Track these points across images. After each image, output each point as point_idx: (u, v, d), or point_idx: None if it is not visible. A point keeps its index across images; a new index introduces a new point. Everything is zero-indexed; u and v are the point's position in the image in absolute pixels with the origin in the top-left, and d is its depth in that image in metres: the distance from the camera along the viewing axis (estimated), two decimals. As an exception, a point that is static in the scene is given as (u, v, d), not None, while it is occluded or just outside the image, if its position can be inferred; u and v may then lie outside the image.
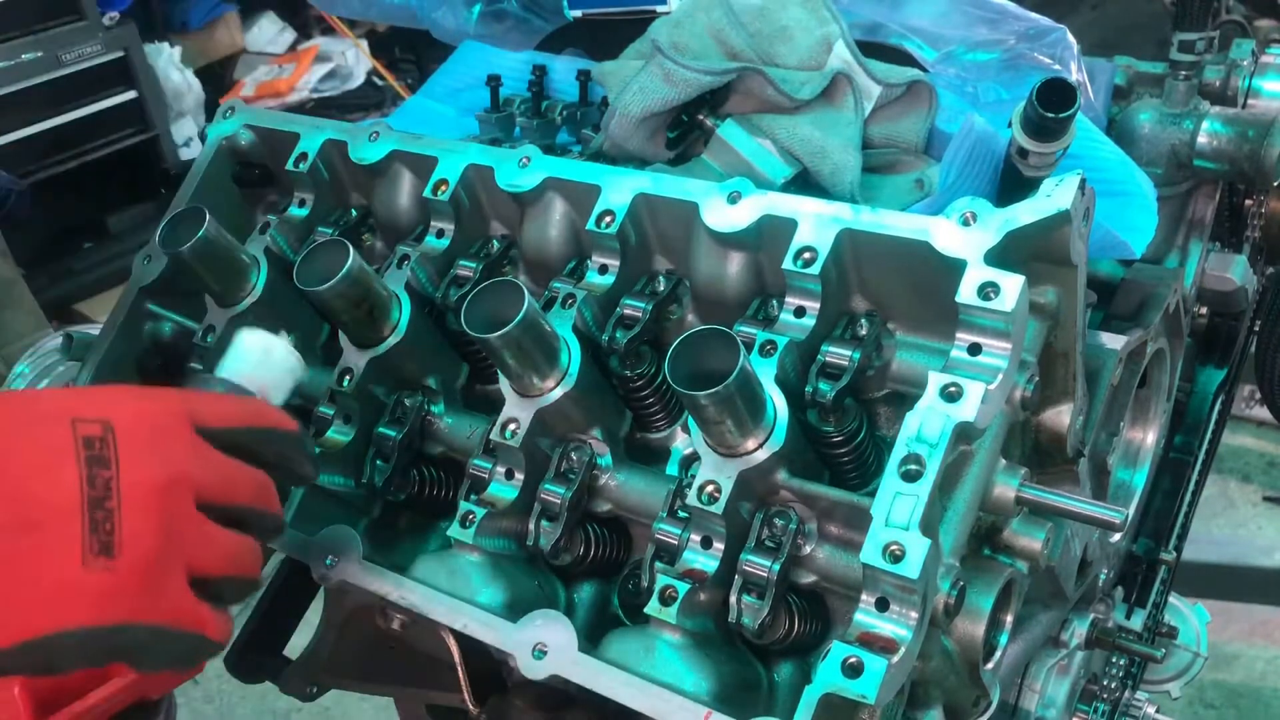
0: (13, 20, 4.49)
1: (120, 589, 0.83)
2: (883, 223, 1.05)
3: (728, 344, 0.96)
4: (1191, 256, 1.70)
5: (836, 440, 1.10)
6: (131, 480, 0.85)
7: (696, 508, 1.03)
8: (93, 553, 0.82)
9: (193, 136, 5.40)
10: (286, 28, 6.23)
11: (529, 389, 1.15)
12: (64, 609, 0.81)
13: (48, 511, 0.82)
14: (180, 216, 1.29)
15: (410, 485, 1.30)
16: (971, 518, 1.05)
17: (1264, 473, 4.19)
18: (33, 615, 0.81)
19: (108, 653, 0.84)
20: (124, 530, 0.83)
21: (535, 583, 1.20)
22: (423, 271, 1.31)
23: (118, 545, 0.83)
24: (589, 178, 1.22)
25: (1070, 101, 1.14)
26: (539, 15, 1.90)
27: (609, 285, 1.20)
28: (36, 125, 4.66)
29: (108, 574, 0.82)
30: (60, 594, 0.81)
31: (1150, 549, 1.84)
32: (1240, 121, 1.57)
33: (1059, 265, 1.06)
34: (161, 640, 0.86)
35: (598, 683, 1.02)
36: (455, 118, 1.79)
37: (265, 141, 1.51)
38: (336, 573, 1.18)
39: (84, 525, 0.82)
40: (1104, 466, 1.41)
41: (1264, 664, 3.44)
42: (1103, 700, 1.67)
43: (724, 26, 1.44)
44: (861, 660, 0.91)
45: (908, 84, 1.45)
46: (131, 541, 0.83)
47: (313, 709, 3.42)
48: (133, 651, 0.86)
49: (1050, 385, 1.17)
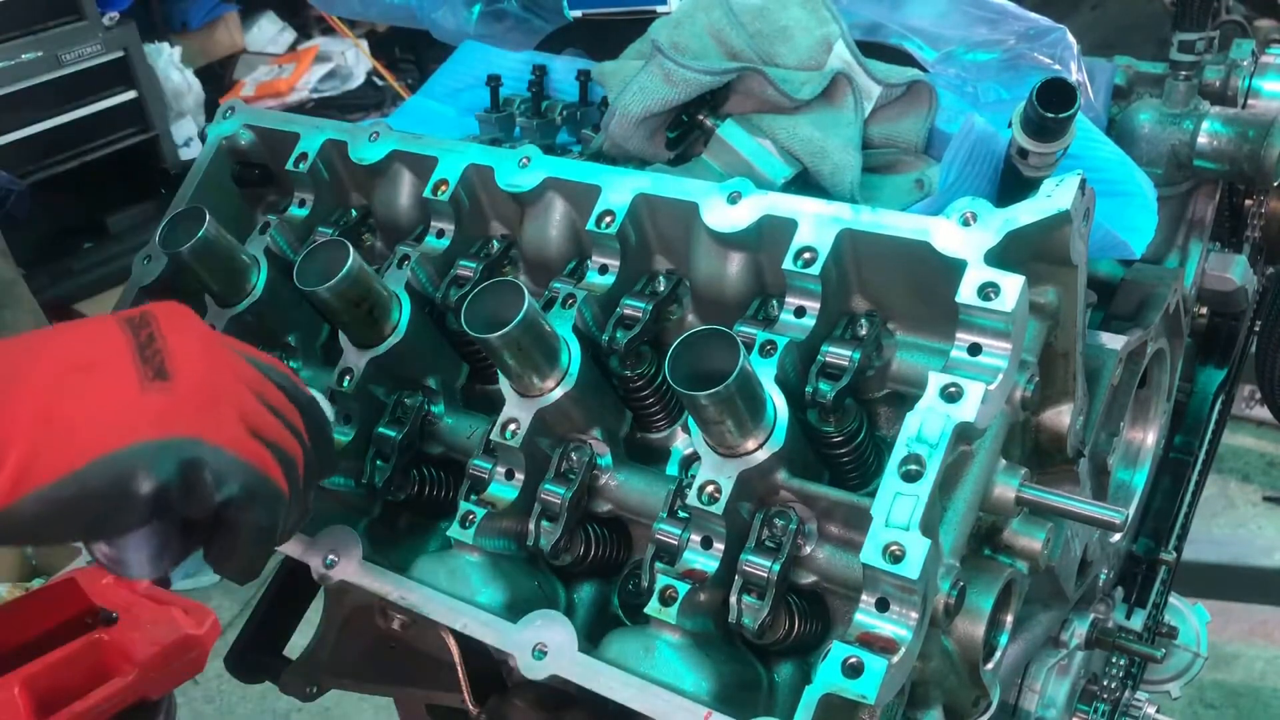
0: (13, 20, 4.49)
1: (179, 407, 0.89)
2: (883, 223, 1.05)
3: (728, 344, 0.96)
4: (1191, 256, 1.70)
5: (836, 440, 1.10)
6: (174, 332, 0.93)
7: (696, 508, 1.03)
8: (148, 379, 0.89)
9: (193, 136, 5.39)
10: (286, 28, 6.23)
11: (529, 389, 1.15)
12: (130, 426, 0.86)
13: (100, 355, 0.89)
14: (180, 216, 1.29)
15: (410, 485, 1.30)
16: (971, 518, 1.05)
17: (1264, 473, 4.19)
18: (102, 435, 0.85)
19: (180, 470, 0.88)
20: (174, 359, 0.91)
21: (535, 583, 1.20)
22: (423, 271, 1.31)
23: (171, 371, 0.90)
24: (589, 178, 1.22)
25: (1070, 101, 1.14)
26: (539, 15, 1.90)
27: (609, 285, 1.20)
28: (36, 125, 4.66)
29: (165, 395, 0.89)
30: (125, 414, 0.87)
31: (1150, 549, 1.84)
32: (1240, 121, 1.57)
33: (1059, 265, 1.06)
34: (228, 466, 0.90)
35: (598, 683, 1.02)
36: (455, 118, 1.79)
37: (265, 141, 1.51)
38: (336, 573, 1.18)
39: (135, 361, 0.89)
40: (1104, 466, 1.41)
41: (1264, 664, 3.44)
42: (1103, 700, 1.67)
43: (724, 26, 1.44)
44: (861, 660, 0.91)
45: (908, 84, 1.45)
46: (183, 366, 0.91)
47: (313, 709, 3.42)
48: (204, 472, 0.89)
49: (1050, 385, 1.17)
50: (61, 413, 0.86)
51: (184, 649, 1.12)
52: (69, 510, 0.85)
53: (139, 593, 1.18)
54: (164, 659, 1.11)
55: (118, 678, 1.08)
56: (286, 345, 1.42)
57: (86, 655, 1.09)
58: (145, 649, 1.10)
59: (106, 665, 1.09)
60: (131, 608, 1.15)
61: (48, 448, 0.84)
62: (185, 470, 0.88)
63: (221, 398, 0.93)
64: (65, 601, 1.14)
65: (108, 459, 0.85)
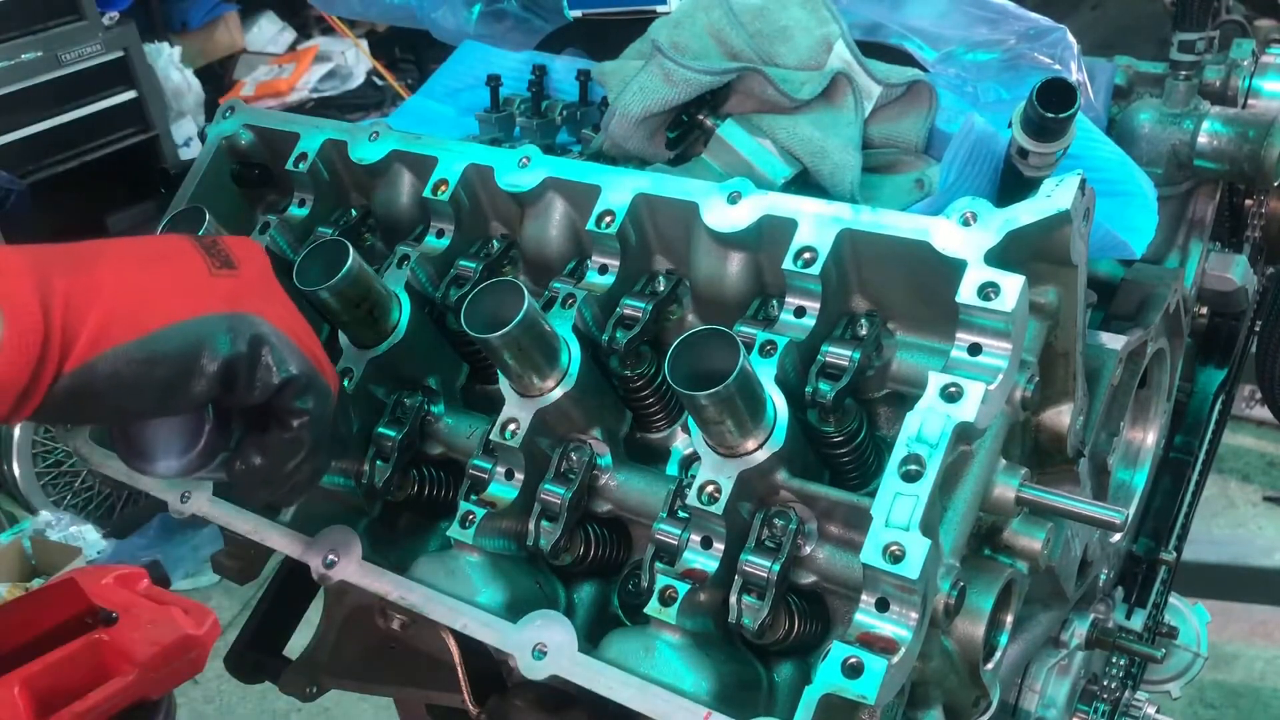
0: (13, 20, 4.49)
1: (245, 289, 0.98)
2: (883, 223, 1.05)
3: (728, 344, 0.96)
4: (1191, 256, 1.70)
5: (836, 440, 1.10)
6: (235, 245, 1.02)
7: (696, 508, 1.03)
8: (215, 267, 0.97)
9: (193, 136, 5.40)
10: (286, 28, 6.23)
11: (529, 389, 1.15)
12: (203, 301, 0.94)
13: (170, 250, 0.98)
14: (180, 216, 1.29)
15: (410, 485, 1.30)
16: (972, 518, 1.05)
17: (1264, 473, 4.19)
18: (178, 304, 0.93)
19: (249, 343, 0.95)
20: (236, 255, 1.00)
21: (535, 583, 1.20)
22: (423, 271, 1.31)
23: (236, 261, 0.99)
24: (589, 178, 1.22)
25: (1070, 101, 1.14)
26: (539, 15, 1.90)
27: (609, 285, 1.20)
28: (36, 125, 4.66)
29: (233, 279, 0.97)
30: (198, 290, 0.95)
31: (1150, 549, 1.84)
32: (1240, 121, 1.57)
33: (1059, 265, 1.06)
34: (289, 349, 0.98)
35: (597, 683, 1.02)
36: (455, 118, 1.79)
37: (265, 141, 1.51)
38: (336, 573, 1.18)
39: (202, 255, 0.98)
40: (1104, 466, 1.41)
41: (1264, 664, 3.44)
42: (1103, 700, 1.67)
43: (724, 26, 1.44)
44: (861, 660, 0.91)
45: (908, 84, 1.45)
46: (245, 260, 1.00)
47: (313, 709, 3.42)
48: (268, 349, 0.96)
49: (1050, 385, 1.17)
50: (140, 284, 0.92)
51: (184, 649, 1.12)
52: (143, 372, 0.90)
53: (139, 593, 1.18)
54: (164, 659, 1.11)
55: (118, 678, 1.08)
56: (286, 345, 1.42)
57: (86, 655, 1.09)
58: (145, 649, 1.11)
59: (106, 665, 1.09)
60: (131, 608, 1.15)
61: (127, 312, 0.90)
62: (253, 344, 0.95)
63: (280, 294, 1.01)
64: (65, 601, 1.14)
65: (183, 325, 0.92)
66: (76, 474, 4.11)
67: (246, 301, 0.97)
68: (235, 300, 0.96)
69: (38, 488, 4.02)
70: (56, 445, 4.02)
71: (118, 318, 0.89)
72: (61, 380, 0.86)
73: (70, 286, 0.88)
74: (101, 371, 0.88)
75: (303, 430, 1.00)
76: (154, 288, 0.93)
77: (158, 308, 0.91)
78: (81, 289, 0.88)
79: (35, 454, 4.01)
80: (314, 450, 1.02)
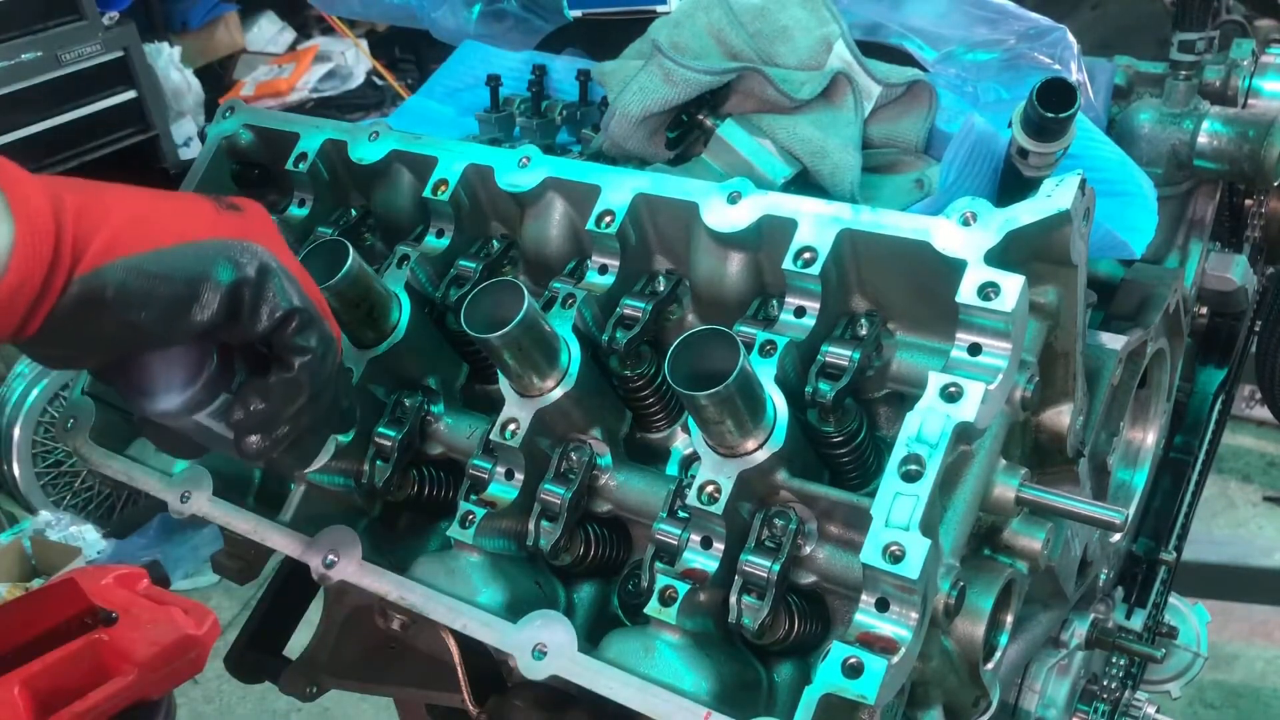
0: (13, 20, 4.49)
1: (250, 226, 1.00)
2: (883, 223, 1.05)
3: (728, 344, 0.96)
4: (1191, 256, 1.70)
5: (836, 440, 1.10)
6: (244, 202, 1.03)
7: (696, 508, 1.03)
8: (223, 208, 1.00)
9: (193, 136, 5.39)
10: (286, 27, 6.23)
11: (529, 389, 1.15)
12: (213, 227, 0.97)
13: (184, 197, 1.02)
14: (180, 216, 1.29)
15: (410, 485, 1.30)
16: (971, 518, 1.05)
17: (1264, 473, 4.19)
18: (190, 226, 0.95)
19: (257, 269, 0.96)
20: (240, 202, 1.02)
21: (535, 583, 1.20)
22: (423, 271, 1.31)
23: (242, 206, 1.02)
24: (589, 178, 1.22)
25: (1070, 101, 1.14)
26: (539, 15, 1.90)
27: (609, 285, 1.20)
28: (36, 125, 4.65)
29: (238, 216, 1.00)
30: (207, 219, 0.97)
31: (1150, 549, 1.84)
32: (1240, 121, 1.57)
33: (1059, 265, 1.06)
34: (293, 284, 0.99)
35: (597, 683, 1.02)
36: (455, 118, 1.79)
37: (265, 141, 1.51)
38: (336, 573, 1.18)
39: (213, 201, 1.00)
40: (1104, 466, 1.41)
41: (1264, 664, 3.44)
42: (1103, 700, 1.67)
43: (724, 26, 1.44)
44: (861, 660, 0.91)
45: (908, 84, 1.45)
46: (250, 207, 1.02)
47: (313, 709, 3.42)
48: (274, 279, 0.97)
49: (1050, 385, 1.17)
50: (151, 207, 0.95)
51: (184, 649, 1.13)
52: (152, 286, 0.91)
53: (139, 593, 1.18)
54: (164, 659, 1.11)
55: (118, 678, 1.08)
56: (286, 345, 1.42)
57: (86, 655, 1.09)
58: (145, 649, 1.11)
59: (106, 665, 1.09)
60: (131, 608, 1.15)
61: (138, 227, 0.92)
62: (260, 272, 0.97)
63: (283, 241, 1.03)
64: (65, 601, 1.14)
65: (194, 244, 0.94)
66: (76, 474, 4.11)
67: (251, 234, 0.99)
68: (242, 231, 0.98)
69: (38, 488, 4.02)
70: (56, 445, 4.02)
71: (129, 231, 0.91)
72: (72, 286, 0.87)
73: (82, 202, 0.90)
74: (111, 279, 0.89)
75: (303, 372, 1.00)
76: (164, 210, 0.96)
77: (169, 226, 0.94)
78: (93, 204, 0.90)
79: (35, 454, 4.01)
80: (314, 398, 1.02)
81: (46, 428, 3.99)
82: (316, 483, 1.26)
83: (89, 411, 1.39)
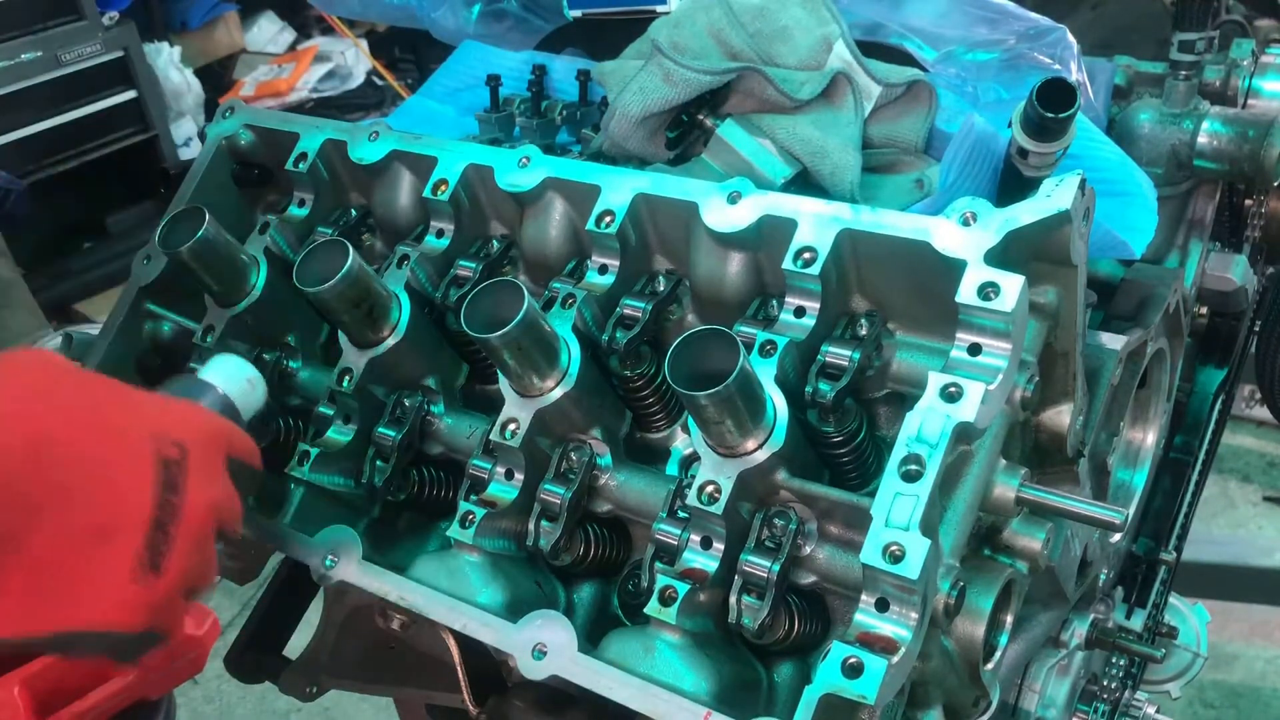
0: (13, 20, 4.49)
1: (153, 605, 0.94)
2: (883, 223, 1.05)
3: (728, 344, 0.96)
4: (1191, 256, 1.70)
5: (836, 440, 1.10)
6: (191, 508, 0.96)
7: (696, 508, 1.03)
8: (142, 568, 0.93)
9: (192, 136, 5.40)
10: (286, 27, 6.23)
11: (529, 389, 1.15)
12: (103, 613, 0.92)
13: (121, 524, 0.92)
14: (180, 216, 1.29)
15: (410, 485, 1.30)
16: (971, 518, 1.05)
17: (1264, 473, 4.19)
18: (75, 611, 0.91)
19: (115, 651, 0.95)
20: (173, 554, 0.95)
21: (535, 583, 1.20)
22: (423, 271, 1.31)
23: (164, 567, 0.94)
24: (589, 178, 1.22)
25: (1070, 101, 1.14)
26: (539, 15, 1.90)
27: (609, 285, 1.20)
28: (36, 125, 4.66)
29: (146, 590, 0.93)
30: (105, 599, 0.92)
31: (1150, 549, 1.84)
32: (1240, 121, 1.57)
33: (1059, 265, 1.06)
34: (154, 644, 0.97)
35: (597, 683, 1.02)
36: (455, 118, 1.79)
37: (265, 141, 1.51)
38: (336, 573, 1.18)
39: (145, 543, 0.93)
40: (1104, 466, 1.41)
41: (1264, 664, 3.44)
42: (1103, 700, 1.67)
43: (724, 26, 1.44)
44: (861, 660, 0.91)
45: (908, 84, 1.45)
46: (175, 564, 0.95)
47: (313, 709, 3.42)
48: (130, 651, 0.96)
49: (1050, 385, 1.17)
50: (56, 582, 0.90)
51: (184, 649, 1.12)
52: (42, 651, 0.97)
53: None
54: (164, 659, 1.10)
55: (118, 678, 1.08)
56: (286, 345, 1.42)
57: (86, 655, 1.09)
58: (145, 649, 1.10)
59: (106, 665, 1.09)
60: (131, 608, 1.14)
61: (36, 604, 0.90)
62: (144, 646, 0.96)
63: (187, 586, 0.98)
64: (65, 602, 1.13)
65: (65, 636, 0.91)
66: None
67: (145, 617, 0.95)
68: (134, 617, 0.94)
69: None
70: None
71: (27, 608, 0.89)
72: None
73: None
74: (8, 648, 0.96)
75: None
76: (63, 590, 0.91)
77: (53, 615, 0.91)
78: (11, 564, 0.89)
79: (35, 454, 4.00)
80: None
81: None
82: (316, 483, 1.26)
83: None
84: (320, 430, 1.28)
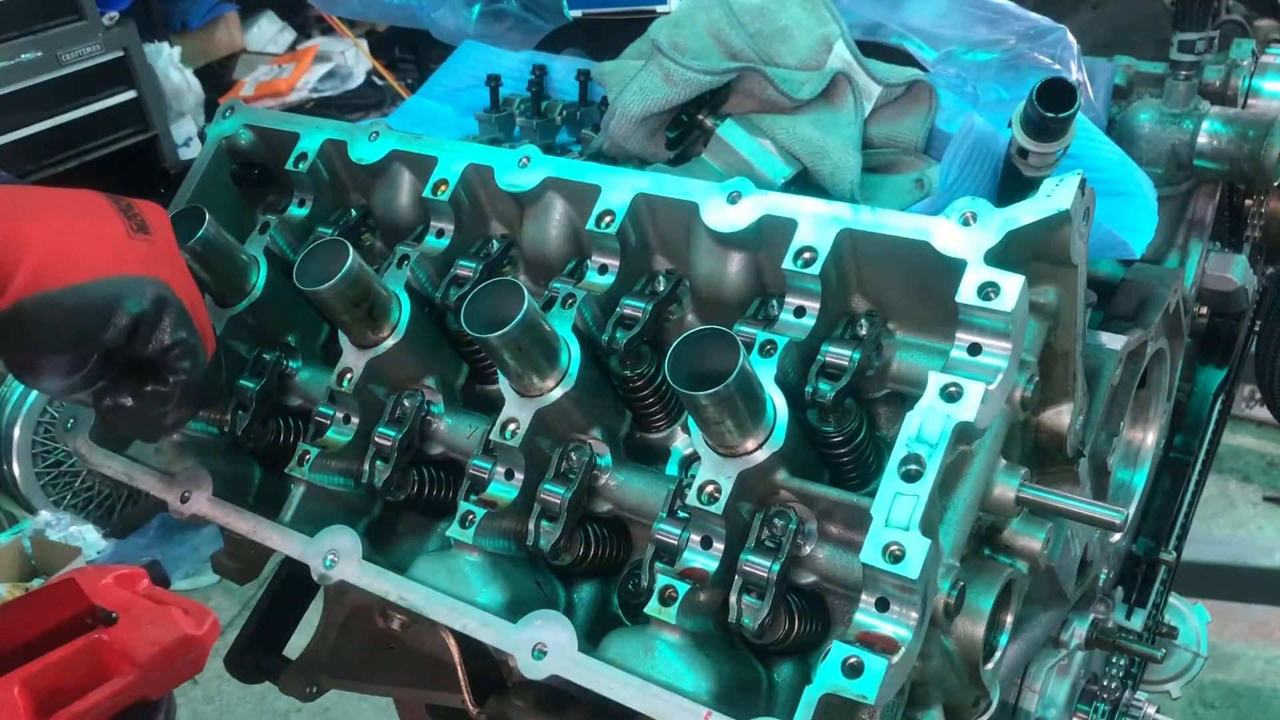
0: (13, 20, 4.49)
1: (158, 257, 1.12)
2: (883, 223, 1.05)
3: (728, 344, 0.96)
4: (1191, 256, 1.70)
5: (836, 440, 1.10)
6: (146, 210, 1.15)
7: (696, 508, 1.03)
8: (132, 231, 1.11)
9: (192, 136, 5.39)
10: (286, 27, 6.23)
11: (529, 389, 1.15)
12: (123, 261, 1.08)
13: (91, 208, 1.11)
14: (180, 216, 1.29)
15: (410, 486, 1.30)
16: (971, 518, 1.05)
17: (1264, 473, 4.19)
18: (101, 262, 1.07)
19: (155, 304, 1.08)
20: (149, 221, 1.13)
21: (535, 583, 1.20)
22: (423, 271, 1.31)
23: (149, 227, 1.13)
24: (589, 178, 1.22)
25: (1070, 101, 1.14)
26: (539, 15, 1.90)
27: (609, 285, 1.20)
28: (36, 125, 4.65)
29: (147, 243, 1.11)
30: (118, 250, 1.09)
31: (1150, 549, 1.84)
32: (1240, 121, 1.57)
33: (1059, 265, 1.06)
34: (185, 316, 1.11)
35: (597, 683, 1.02)
36: (455, 118, 1.79)
37: (265, 141, 1.51)
38: (336, 573, 1.18)
39: (121, 218, 1.11)
40: (1104, 466, 1.41)
41: (1264, 664, 3.44)
42: (1103, 700, 1.67)
43: (724, 26, 1.44)
44: (861, 660, 0.91)
45: (908, 84, 1.45)
46: (157, 229, 1.14)
47: (313, 709, 3.42)
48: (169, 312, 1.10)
49: (1050, 385, 1.17)
50: (68, 238, 1.06)
51: (184, 649, 1.12)
52: (66, 317, 1.04)
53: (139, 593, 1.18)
54: (164, 659, 1.11)
55: (118, 678, 1.08)
56: (286, 345, 1.42)
57: (86, 655, 1.09)
58: (145, 649, 1.10)
59: (106, 665, 1.09)
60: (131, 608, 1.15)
61: (57, 263, 1.03)
62: (157, 305, 1.09)
63: (182, 264, 1.16)
64: (65, 601, 1.14)
65: (104, 281, 1.06)
66: (76, 474, 4.11)
67: (158, 267, 1.11)
68: (149, 264, 1.10)
69: (38, 488, 4.02)
70: (56, 445, 4.02)
71: (49, 267, 1.02)
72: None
73: (6, 233, 1.01)
74: (29, 311, 1.02)
75: (175, 387, 1.14)
76: (80, 243, 1.06)
77: (85, 264, 1.05)
78: (16, 235, 1.01)
79: (35, 454, 4.01)
80: (179, 404, 1.16)
81: (46, 428, 3.99)
82: (316, 483, 1.26)
83: (89, 412, 1.39)
84: (320, 430, 1.28)
